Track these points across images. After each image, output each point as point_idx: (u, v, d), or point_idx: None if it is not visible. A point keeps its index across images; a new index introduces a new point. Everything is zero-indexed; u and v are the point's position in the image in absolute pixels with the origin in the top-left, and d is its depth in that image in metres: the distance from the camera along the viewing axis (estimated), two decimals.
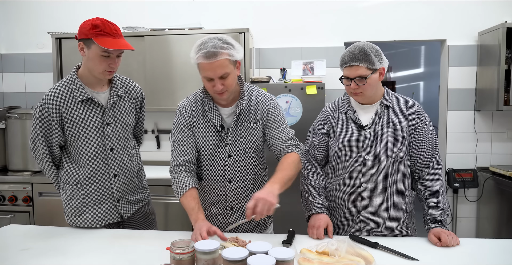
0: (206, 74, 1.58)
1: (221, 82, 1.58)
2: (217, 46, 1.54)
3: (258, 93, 1.76)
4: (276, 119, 1.73)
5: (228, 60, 1.57)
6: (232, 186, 1.75)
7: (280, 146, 1.71)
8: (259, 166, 1.81)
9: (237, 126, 1.72)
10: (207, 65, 1.55)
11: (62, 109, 1.70)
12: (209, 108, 1.72)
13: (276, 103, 1.77)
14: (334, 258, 1.35)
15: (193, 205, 1.61)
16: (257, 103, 1.73)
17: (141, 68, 3.28)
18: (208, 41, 1.57)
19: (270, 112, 1.73)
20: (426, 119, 1.74)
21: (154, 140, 3.68)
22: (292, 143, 1.72)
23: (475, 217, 3.47)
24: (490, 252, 1.50)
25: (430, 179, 1.71)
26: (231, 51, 1.57)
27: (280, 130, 1.73)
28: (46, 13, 3.71)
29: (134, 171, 1.90)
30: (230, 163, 1.73)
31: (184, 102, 1.78)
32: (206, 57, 1.54)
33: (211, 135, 1.72)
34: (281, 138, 1.72)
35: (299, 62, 3.27)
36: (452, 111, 3.44)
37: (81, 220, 1.79)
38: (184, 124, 1.73)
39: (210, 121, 1.72)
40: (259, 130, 1.74)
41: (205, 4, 3.56)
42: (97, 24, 1.61)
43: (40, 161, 1.78)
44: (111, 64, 1.67)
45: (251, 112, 1.72)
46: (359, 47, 1.64)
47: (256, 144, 1.75)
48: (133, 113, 1.89)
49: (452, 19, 3.38)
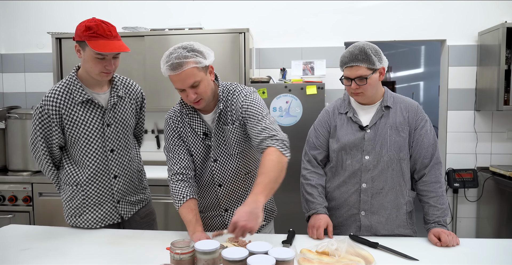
0: (176, 86, 1.55)
1: (194, 91, 1.54)
2: (180, 56, 1.50)
3: (234, 92, 1.68)
4: (250, 112, 1.62)
5: (195, 68, 1.51)
6: (223, 190, 1.74)
7: (255, 141, 1.58)
8: (250, 164, 1.77)
9: (218, 131, 1.68)
10: (175, 77, 1.52)
11: (62, 110, 1.70)
12: (190, 118, 1.69)
13: (252, 96, 1.66)
14: (334, 258, 1.35)
15: (190, 218, 1.59)
16: (232, 103, 1.66)
17: (141, 68, 3.28)
18: (173, 51, 1.52)
19: (244, 107, 1.63)
20: (426, 119, 1.74)
21: (154, 140, 3.68)
22: (266, 136, 1.55)
23: (475, 217, 3.47)
24: (490, 252, 1.50)
25: (430, 179, 1.71)
26: (198, 58, 1.52)
27: (255, 122, 1.60)
28: (46, 13, 3.71)
29: (135, 171, 1.89)
30: (216, 167, 1.71)
31: (170, 113, 1.75)
32: (171, 69, 1.50)
33: (199, 143, 1.70)
34: (255, 130, 1.58)
35: (299, 62, 3.27)
36: (452, 111, 3.44)
37: (81, 221, 1.79)
38: (173, 134, 1.71)
39: (195, 130, 1.70)
40: (238, 131, 1.68)
41: (205, 4, 3.56)
42: (91, 26, 1.59)
43: (40, 162, 1.78)
44: (106, 66, 1.65)
45: (228, 114, 1.67)
46: (359, 47, 1.64)
47: (239, 145, 1.70)
48: (133, 113, 1.88)
49: (452, 19, 3.38)
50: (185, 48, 1.52)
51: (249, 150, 1.75)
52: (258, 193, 1.40)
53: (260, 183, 1.43)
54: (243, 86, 1.71)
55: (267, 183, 1.44)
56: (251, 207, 1.36)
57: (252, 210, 1.35)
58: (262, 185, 1.43)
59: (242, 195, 1.77)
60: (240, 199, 1.77)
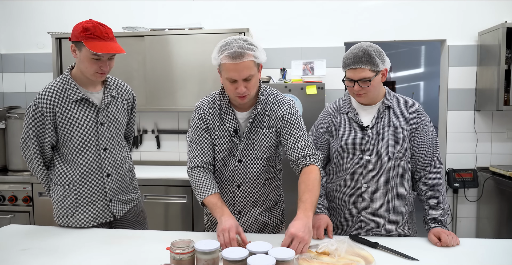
0: (231, 75, 1.51)
1: (245, 85, 1.53)
2: (243, 47, 1.49)
3: (275, 98, 1.69)
4: (292, 125, 1.66)
5: (253, 62, 1.52)
6: (241, 191, 1.73)
7: (295, 155, 1.63)
8: (271, 170, 1.77)
9: (251, 132, 1.67)
10: (232, 66, 1.49)
11: (56, 108, 1.70)
12: (225, 112, 1.68)
13: (293, 108, 1.70)
14: (334, 258, 1.35)
15: (215, 201, 1.57)
16: (272, 108, 1.67)
17: (141, 68, 3.28)
18: (233, 41, 1.51)
19: (286, 118, 1.66)
20: (426, 119, 1.74)
21: (154, 140, 3.68)
22: (308, 153, 1.63)
23: (475, 217, 3.47)
24: (490, 252, 1.50)
25: (431, 179, 1.71)
26: (256, 52, 1.52)
27: (296, 137, 1.64)
28: (46, 13, 3.71)
29: (126, 171, 1.90)
30: (240, 168, 1.70)
31: (202, 103, 1.73)
32: (232, 58, 1.48)
33: (226, 139, 1.69)
34: (296, 145, 1.63)
35: (299, 62, 3.27)
36: (452, 111, 3.44)
37: (73, 220, 1.78)
38: (201, 124, 1.69)
39: (225, 125, 1.68)
40: (272, 137, 1.69)
41: (205, 4, 3.56)
42: (88, 27, 1.61)
43: (31, 161, 1.77)
44: (102, 66, 1.67)
45: (265, 117, 1.67)
46: (363, 49, 1.63)
47: (268, 150, 1.70)
48: (125, 114, 1.90)
49: (452, 19, 3.38)
50: (246, 41, 1.53)
51: (274, 157, 1.76)
52: (307, 210, 1.46)
53: (308, 199, 1.49)
54: (283, 94, 1.74)
55: (314, 201, 1.51)
56: (305, 221, 1.41)
57: (306, 224, 1.41)
58: (310, 202, 1.49)
59: (258, 200, 1.76)
60: (256, 203, 1.76)
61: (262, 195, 1.76)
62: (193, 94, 3.19)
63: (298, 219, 1.43)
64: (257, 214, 1.77)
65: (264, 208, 1.78)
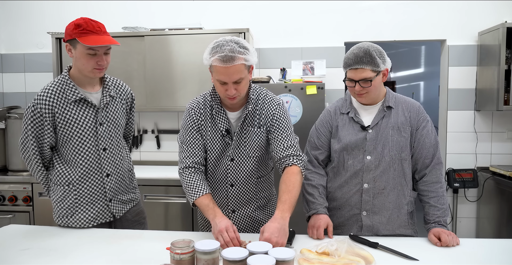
0: (221, 78, 1.53)
1: (235, 87, 1.55)
2: (234, 50, 1.49)
3: (265, 97, 1.72)
4: (280, 124, 1.68)
5: (243, 65, 1.53)
6: (234, 190, 1.75)
7: (280, 154, 1.66)
8: (263, 169, 1.79)
9: (242, 131, 1.69)
10: (223, 69, 1.51)
11: (55, 109, 1.69)
12: (217, 112, 1.69)
13: (282, 108, 1.72)
14: (334, 258, 1.35)
15: (206, 202, 1.57)
16: (262, 108, 1.70)
17: (141, 68, 3.28)
18: (224, 43, 1.52)
19: (275, 117, 1.69)
20: (427, 119, 1.74)
21: (154, 140, 3.68)
22: (293, 153, 1.66)
23: (475, 217, 3.47)
24: (490, 252, 1.50)
25: (431, 179, 1.71)
26: (247, 55, 1.53)
27: (283, 137, 1.67)
28: (46, 13, 3.70)
29: (126, 171, 1.90)
30: (232, 167, 1.72)
31: (193, 103, 1.74)
32: (222, 61, 1.49)
33: (218, 139, 1.70)
34: (282, 145, 1.66)
35: (299, 62, 3.27)
36: (452, 111, 3.44)
37: (73, 220, 1.78)
38: (192, 126, 1.70)
39: (217, 125, 1.69)
40: (263, 135, 1.71)
41: (205, 4, 3.56)
42: (80, 23, 1.61)
43: (30, 162, 1.77)
44: (98, 61, 1.66)
45: (256, 116, 1.69)
46: (364, 49, 1.63)
47: (259, 149, 1.72)
48: (124, 113, 1.90)
49: (452, 19, 3.38)
50: (237, 43, 1.53)
51: (266, 156, 1.78)
52: (285, 211, 1.50)
53: (286, 200, 1.53)
54: (273, 94, 1.76)
55: (293, 201, 1.54)
56: (280, 224, 1.44)
57: (281, 226, 1.44)
58: (289, 203, 1.52)
59: (251, 198, 1.78)
60: (249, 202, 1.78)
61: (255, 193, 1.78)
62: (193, 94, 3.18)
63: (274, 220, 1.46)
64: (251, 212, 1.79)
65: (258, 206, 1.81)
